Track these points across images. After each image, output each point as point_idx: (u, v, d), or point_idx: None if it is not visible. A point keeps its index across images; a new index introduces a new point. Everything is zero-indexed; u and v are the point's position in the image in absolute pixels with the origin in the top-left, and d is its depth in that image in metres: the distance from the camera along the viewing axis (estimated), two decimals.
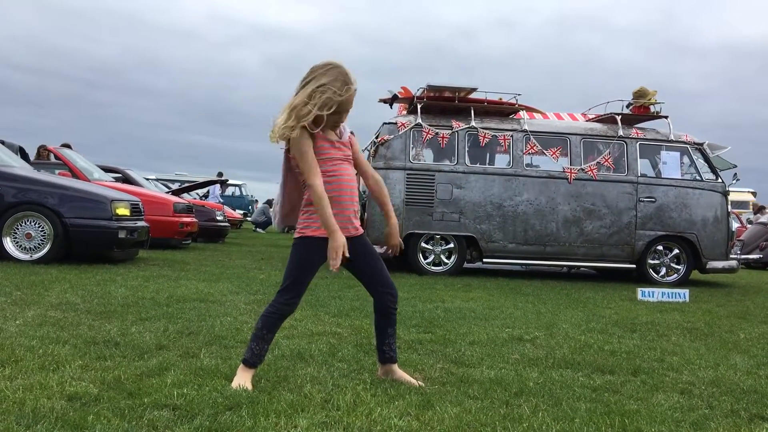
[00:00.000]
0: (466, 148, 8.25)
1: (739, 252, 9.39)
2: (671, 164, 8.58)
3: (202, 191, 16.76)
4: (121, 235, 6.87)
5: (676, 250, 8.45)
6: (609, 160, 8.40)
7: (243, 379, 2.54)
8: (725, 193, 8.56)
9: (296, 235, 2.63)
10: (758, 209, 17.61)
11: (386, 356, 2.76)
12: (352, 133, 2.74)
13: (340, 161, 2.62)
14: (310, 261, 2.59)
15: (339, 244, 2.45)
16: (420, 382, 2.73)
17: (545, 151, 8.32)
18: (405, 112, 8.97)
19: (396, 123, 8.25)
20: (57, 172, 8.74)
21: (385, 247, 2.84)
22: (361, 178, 2.83)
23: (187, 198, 13.34)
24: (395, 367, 2.78)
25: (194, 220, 10.73)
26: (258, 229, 20.73)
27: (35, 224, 6.60)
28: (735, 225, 9.74)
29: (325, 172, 2.55)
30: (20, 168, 7.19)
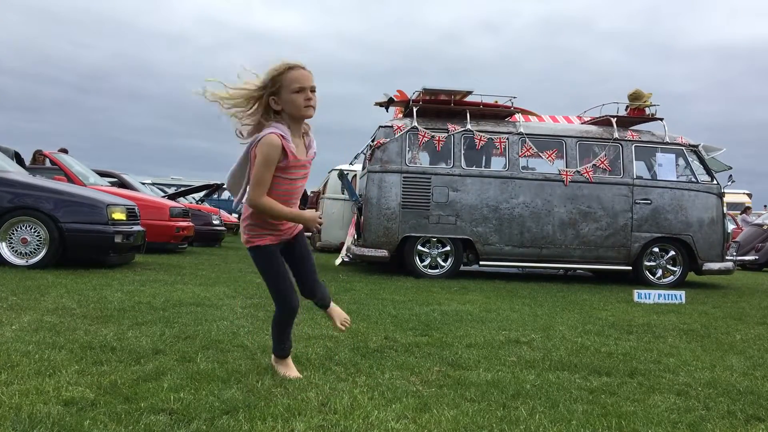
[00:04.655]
0: (462, 151, 8.27)
1: (734, 253, 9.40)
2: (667, 166, 8.61)
3: (197, 195, 16.73)
4: (117, 239, 6.86)
5: (672, 252, 8.47)
6: (605, 163, 8.42)
7: (285, 368, 2.78)
8: (721, 195, 8.59)
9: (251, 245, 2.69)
10: (743, 210, 18.03)
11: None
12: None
13: None
14: (275, 267, 2.68)
15: (310, 217, 2.61)
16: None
17: (541, 154, 8.34)
18: (401, 116, 8.99)
19: (392, 126, 8.26)
20: (53, 177, 8.72)
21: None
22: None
23: (183, 202, 13.32)
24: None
25: (190, 224, 10.73)
26: None
27: (31, 229, 6.58)
28: (731, 226, 9.77)
29: None
30: (16, 173, 7.18)
